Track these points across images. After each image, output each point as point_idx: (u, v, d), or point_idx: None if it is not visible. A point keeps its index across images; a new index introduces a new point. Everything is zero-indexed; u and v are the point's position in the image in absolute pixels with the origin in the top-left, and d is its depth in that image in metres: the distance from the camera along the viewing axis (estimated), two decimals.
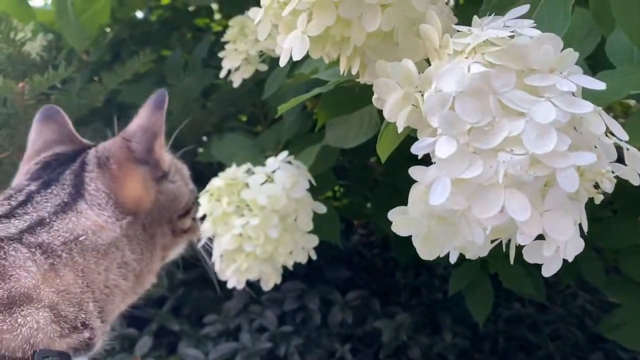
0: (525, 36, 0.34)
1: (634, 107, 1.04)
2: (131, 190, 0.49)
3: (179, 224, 0.54)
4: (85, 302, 0.43)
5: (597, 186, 0.34)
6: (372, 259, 1.58)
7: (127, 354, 1.16)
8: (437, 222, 0.36)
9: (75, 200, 0.47)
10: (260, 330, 1.21)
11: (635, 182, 0.34)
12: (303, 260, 0.68)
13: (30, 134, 0.57)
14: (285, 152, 0.70)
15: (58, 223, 0.44)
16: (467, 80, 0.32)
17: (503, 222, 0.31)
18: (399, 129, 0.36)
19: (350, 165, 1.30)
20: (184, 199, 0.54)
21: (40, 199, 0.46)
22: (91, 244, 0.45)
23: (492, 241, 0.36)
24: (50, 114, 0.58)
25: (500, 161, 0.30)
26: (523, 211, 0.30)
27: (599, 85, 0.33)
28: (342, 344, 1.22)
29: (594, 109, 0.31)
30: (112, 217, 0.47)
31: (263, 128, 1.22)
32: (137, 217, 0.49)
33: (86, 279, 0.44)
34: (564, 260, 0.33)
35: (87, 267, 0.44)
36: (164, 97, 0.51)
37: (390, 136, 0.46)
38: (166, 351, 1.22)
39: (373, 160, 1.32)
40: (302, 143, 0.87)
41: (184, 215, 0.54)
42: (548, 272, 0.34)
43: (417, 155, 0.34)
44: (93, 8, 1.20)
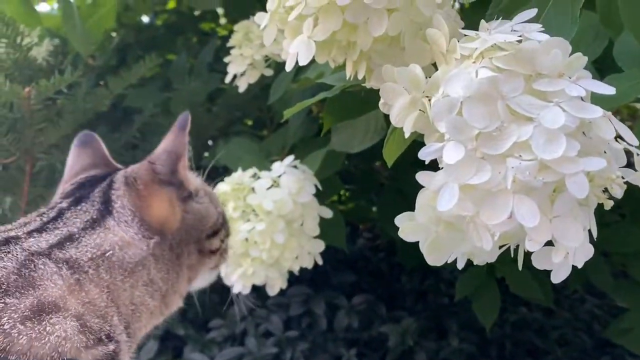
0: (533, 40, 0.34)
1: None
2: (157, 210, 0.50)
3: (206, 244, 0.54)
4: (110, 315, 0.43)
5: (606, 191, 0.33)
6: (377, 263, 1.57)
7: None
8: (444, 228, 0.35)
9: (104, 217, 0.48)
10: (266, 335, 1.20)
11: None
12: (309, 265, 0.68)
13: (68, 159, 0.59)
14: (291, 157, 0.70)
15: (86, 239, 0.45)
16: (474, 85, 0.32)
17: (512, 228, 0.31)
18: (406, 134, 0.36)
19: (356, 169, 1.30)
20: (211, 219, 0.55)
21: (70, 215, 0.48)
22: (118, 260, 0.45)
23: (500, 247, 0.36)
24: (87, 140, 0.60)
25: (508, 167, 0.30)
26: (532, 217, 0.29)
27: (608, 90, 0.32)
28: (348, 348, 1.21)
29: (603, 114, 0.31)
30: (138, 234, 0.48)
31: (269, 132, 1.21)
32: (164, 237, 0.50)
33: (111, 294, 0.44)
34: (572, 266, 0.33)
35: (113, 283, 0.45)
36: (186, 119, 0.53)
37: (396, 141, 0.45)
38: (172, 355, 1.22)
39: (378, 164, 1.32)
40: (307, 147, 0.87)
41: (211, 236, 0.55)
42: (557, 278, 0.33)
43: (423, 159, 0.34)
44: (99, 13, 1.21)
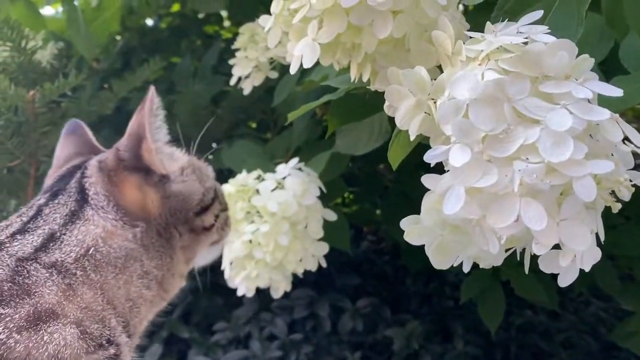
0: (539, 42, 0.33)
1: None
2: (130, 197, 0.48)
3: (197, 222, 0.52)
4: (107, 318, 0.42)
5: (613, 194, 0.33)
6: (382, 265, 1.57)
7: None
8: (450, 231, 0.35)
9: (81, 207, 0.46)
10: (270, 338, 1.20)
11: None
12: (313, 268, 0.68)
13: (56, 150, 0.57)
14: (296, 159, 0.70)
15: (68, 236, 0.44)
16: (481, 87, 0.31)
17: (518, 232, 0.30)
18: (411, 137, 0.36)
19: (360, 171, 1.30)
20: (197, 197, 0.52)
21: (48, 211, 0.46)
22: (104, 257, 0.44)
23: (506, 250, 0.35)
24: (72, 128, 0.58)
25: (515, 170, 0.30)
26: (539, 220, 0.29)
27: (615, 92, 0.32)
28: (352, 352, 1.21)
29: (611, 116, 0.31)
30: (118, 220, 0.46)
31: (273, 135, 1.21)
32: (149, 224, 0.48)
33: (105, 295, 0.43)
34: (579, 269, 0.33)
35: (105, 282, 0.44)
36: (150, 97, 0.49)
37: (401, 144, 0.45)
38: (176, 358, 1.22)
39: (383, 166, 1.31)
40: (312, 150, 0.87)
41: (201, 213, 0.53)
42: (564, 282, 0.33)
43: (428, 162, 0.34)
44: (103, 16, 1.21)
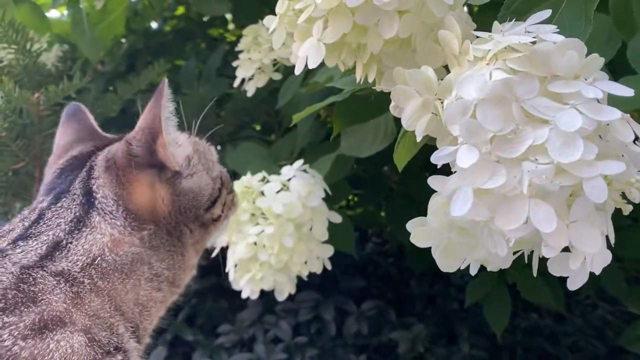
0: (548, 42, 0.33)
1: None
2: (140, 197, 0.45)
3: (206, 216, 0.49)
4: (115, 325, 0.41)
5: (623, 196, 0.33)
6: (387, 267, 1.56)
7: None
8: (457, 234, 0.35)
9: (87, 212, 0.44)
10: (274, 340, 1.20)
11: None
12: (318, 270, 0.68)
13: (56, 136, 0.54)
14: (301, 161, 0.70)
15: (74, 245, 0.42)
16: (488, 87, 0.31)
17: (527, 234, 0.30)
18: (418, 138, 0.35)
19: (365, 173, 1.29)
20: (206, 192, 0.49)
21: (51, 215, 0.44)
22: (110, 265, 0.43)
23: (514, 252, 0.35)
24: (72, 112, 0.55)
25: (524, 171, 0.29)
26: (549, 222, 0.29)
27: (626, 92, 0.31)
28: (357, 355, 1.20)
29: (621, 116, 0.30)
30: (126, 226, 0.44)
31: (277, 137, 1.21)
32: (158, 225, 0.46)
33: (113, 301, 0.42)
34: None
35: (113, 289, 0.42)
36: (162, 89, 0.45)
37: (407, 145, 0.45)
38: None
39: (387, 168, 1.31)
40: (316, 152, 0.87)
41: (211, 207, 0.50)
42: (574, 285, 0.33)
43: (435, 163, 0.33)
44: (108, 19, 1.21)
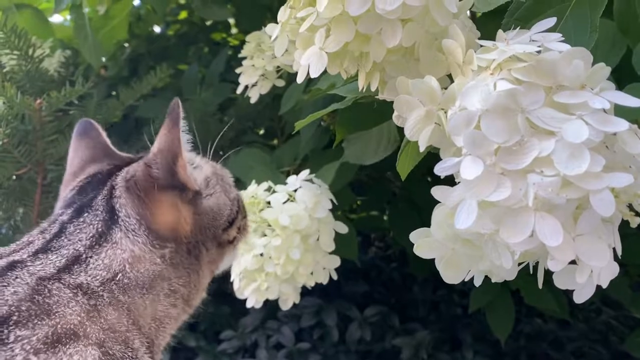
0: (553, 51, 0.32)
1: None
2: (162, 217, 0.46)
3: (224, 237, 0.51)
4: (131, 339, 0.41)
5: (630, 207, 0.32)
6: (389, 272, 1.55)
7: None
8: (462, 245, 0.34)
9: (109, 228, 0.45)
10: (277, 346, 1.19)
11: None
12: (324, 281, 0.67)
13: (69, 152, 0.55)
14: (307, 171, 0.68)
15: (94, 260, 0.43)
16: (493, 97, 0.30)
17: (533, 247, 0.29)
18: (421, 148, 0.35)
19: (368, 178, 1.29)
20: (225, 212, 0.51)
21: (73, 230, 0.44)
22: (132, 280, 0.43)
23: (519, 263, 0.34)
24: (84, 129, 0.56)
25: (530, 183, 0.29)
26: (555, 236, 0.28)
27: (634, 102, 0.31)
28: None
29: (629, 127, 0.30)
30: (147, 244, 0.45)
31: (279, 142, 1.21)
32: (178, 244, 0.47)
33: (131, 315, 0.42)
34: None
35: (132, 303, 0.43)
36: (177, 110, 0.46)
37: (410, 154, 0.44)
38: None
39: (390, 173, 1.30)
40: (319, 158, 0.86)
41: (227, 228, 0.51)
42: (580, 298, 0.32)
43: (439, 174, 0.33)
44: (111, 24, 1.21)
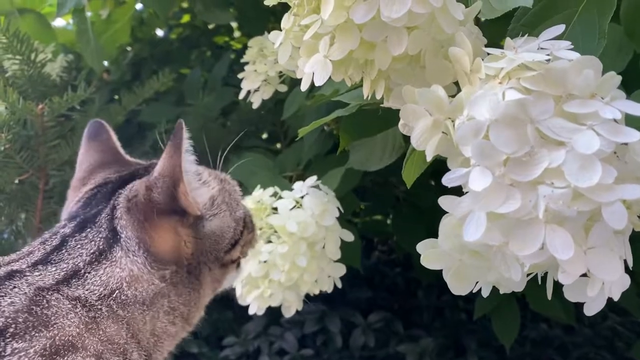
0: (563, 59, 0.32)
1: None
2: (162, 242, 0.45)
3: (226, 258, 0.50)
4: (129, 351, 0.41)
5: None
6: (393, 277, 1.55)
7: None
8: (470, 257, 0.34)
9: (111, 247, 0.44)
10: (280, 353, 1.18)
11: None
12: (329, 289, 0.66)
13: (79, 153, 0.54)
14: (314, 177, 0.68)
15: (92, 275, 0.42)
16: (502, 107, 0.30)
17: (543, 260, 0.29)
18: (428, 158, 0.34)
19: (372, 183, 1.28)
20: (228, 235, 0.49)
21: (74, 244, 0.44)
22: (130, 297, 0.43)
23: (528, 274, 0.34)
24: (96, 131, 0.55)
25: (540, 195, 0.28)
26: (566, 249, 0.28)
27: None
28: None
29: None
30: (146, 266, 0.44)
31: (282, 146, 1.20)
32: (179, 265, 0.46)
33: (130, 329, 0.42)
34: None
35: (132, 318, 0.42)
36: (180, 134, 0.45)
37: (416, 162, 0.44)
38: None
39: (394, 178, 1.30)
40: (323, 163, 0.86)
41: (230, 249, 0.50)
42: (591, 311, 0.32)
43: (445, 185, 0.32)
44: (113, 28, 1.21)
